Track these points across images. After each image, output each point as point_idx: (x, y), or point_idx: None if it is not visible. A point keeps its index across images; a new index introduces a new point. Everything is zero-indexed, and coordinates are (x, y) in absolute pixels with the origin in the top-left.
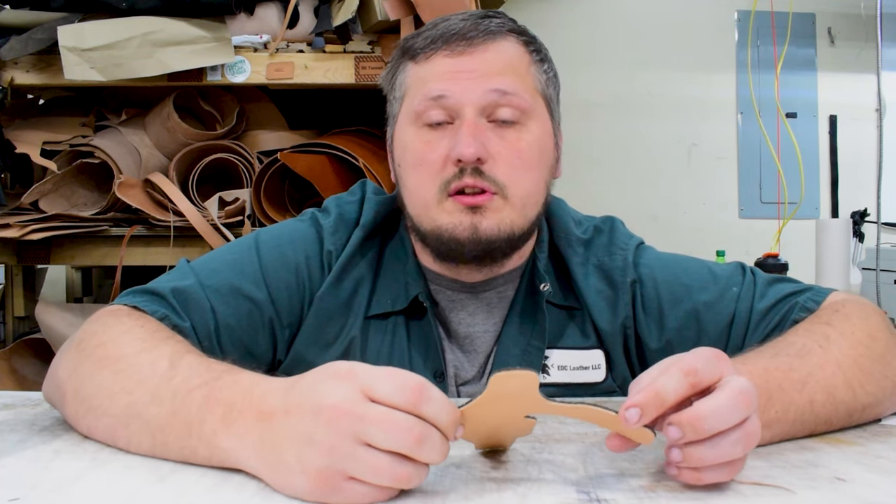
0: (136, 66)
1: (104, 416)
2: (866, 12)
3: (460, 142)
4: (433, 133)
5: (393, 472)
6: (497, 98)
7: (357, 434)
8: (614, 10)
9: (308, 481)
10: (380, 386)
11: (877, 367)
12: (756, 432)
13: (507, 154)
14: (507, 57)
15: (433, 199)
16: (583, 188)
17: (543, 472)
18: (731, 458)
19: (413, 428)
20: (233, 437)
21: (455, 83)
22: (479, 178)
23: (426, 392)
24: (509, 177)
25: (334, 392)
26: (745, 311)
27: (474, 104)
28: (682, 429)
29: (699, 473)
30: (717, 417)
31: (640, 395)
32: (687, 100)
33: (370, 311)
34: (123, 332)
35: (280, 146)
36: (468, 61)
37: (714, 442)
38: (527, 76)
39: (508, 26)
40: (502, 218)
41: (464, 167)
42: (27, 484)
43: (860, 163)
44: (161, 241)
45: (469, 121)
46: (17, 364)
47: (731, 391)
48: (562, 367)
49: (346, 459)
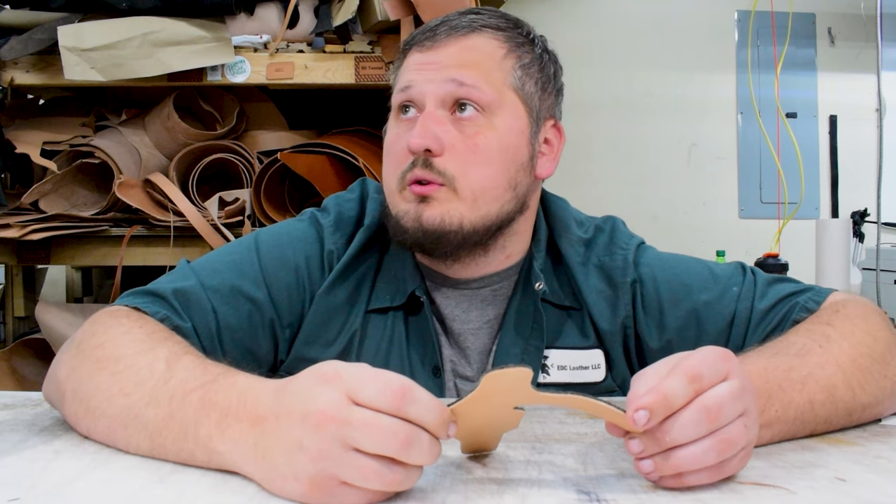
0: (136, 66)
1: (102, 418)
2: (866, 12)
3: (412, 133)
4: (402, 125)
5: (382, 476)
6: (454, 88)
7: (344, 439)
8: (614, 10)
9: (301, 487)
10: (364, 389)
11: (877, 367)
12: (734, 439)
13: (462, 147)
14: (473, 51)
15: (395, 187)
16: (583, 188)
17: (543, 472)
18: (703, 466)
19: (398, 432)
20: (228, 441)
21: (419, 74)
22: (428, 169)
23: (410, 394)
24: (460, 170)
25: (320, 397)
26: (745, 310)
27: (434, 94)
28: (643, 442)
29: (680, 479)
30: (679, 431)
31: (649, 397)
32: (687, 100)
33: (370, 306)
34: (122, 333)
35: (280, 146)
36: (433, 55)
37: (681, 451)
38: (494, 71)
39: (482, 22)
40: (448, 210)
41: (416, 158)
42: (27, 484)
43: (860, 163)
44: (161, 242)
45: (427, 112)
46: (17, 364)
47: (696, 406)
48: (561, 366)
49: (336, 465)
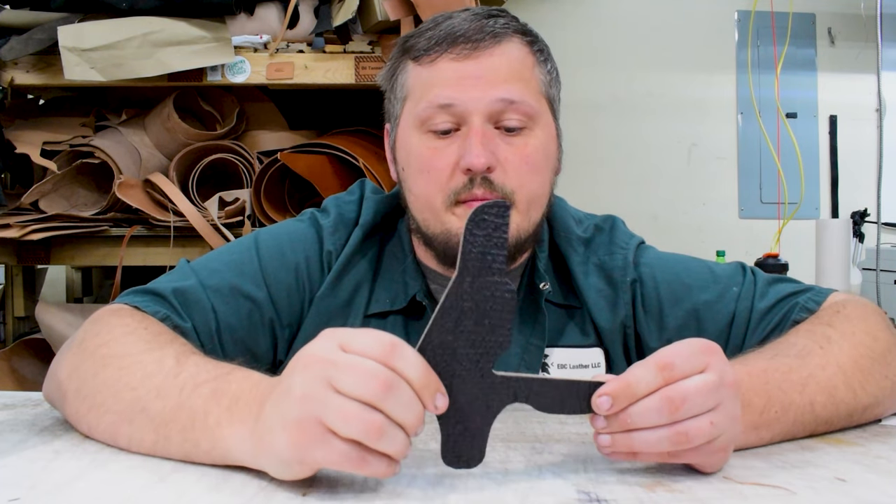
0: (136, 66)
1: (107, 414)
2: (866, 12)
3: (470, 151)
4: (439, 140)
5: (361, 418)
6: (504, 107)
7: (328, 379)
8: (614, 11)
9: (287, 436)
10: (356, 339)
11: (877, 367)
12: (691, 433)
13: (516, 160)
14: (512, 61)
15: (442, 205)
16: (583, 188)
17: (543, 472)
18: (656, 451)
19: (379, 374)
20: (235, 422)
21: (462, 91)
22: (489, 188)
23: (400, 349)
24: (517, 183)
25: (314, 345)
26: (745, 310)
27: (482, 112)
28: (607, 419)
29: (633, 456)
30: (639, 416)
31: (613, 384)
32: (687, 100)
33: (369, 310)
34: (127, 332)
35: (280, 146)
36: (474, 67)
37: (637, 434)
38: (532, 80)
39: (513, 27)
40: (511, 224)
41: (473, 176)
42: (27, 484)
43: (860, 163)
44: (161, 242)
45: (477, 129)
46: (17, 364)
47: (660, 395)
48: (561, 365)
49: (318, 405)
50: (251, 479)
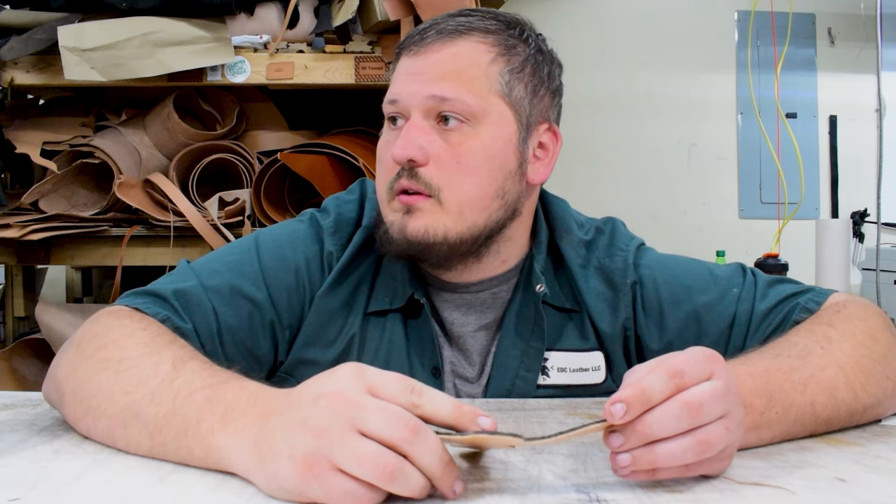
0: (136, 66)
1: (102, 417)
2: (866, 12)
3: (397, 143)
4: (392, 133)
5: (377, 461)
6: (437, 103)
7: (353, 420)
8: (614, 10)
9: (293, 466)
10: (388, 385)
11: (878, 367)
12: (713, 440)
13: (447, 157)
14: (457, 59)
15: (385, 197)
16: (583, 188)
17: (543, 472)
18: (680, 463)
19: (409, 420)
20: (229, 434)
21: (404, 86)
22: (413, 180)
23: (427, 392)
24: (445, 180)
25: (339, 382)
26: (745, 312)
27: (418, 107)
28: (624, 434)
29: (653, 473)
30: (659, 425)
31: (626, 391)
32: (687, 100)
33: (369, 309)
34: (126, 335)
35: (280, 146)
36: (420, 63)
37: (660, 447)
38: (480, 78)
39: (471, 25)
40: (431, 221)
41: (401, 169)
42: (27, 484)
43: (860, 163)
44: (161, 242)
45: (410, 123)
46: (17, 364)
47: (677, 401)
48: (561, 368)
49: (334, 444)
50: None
